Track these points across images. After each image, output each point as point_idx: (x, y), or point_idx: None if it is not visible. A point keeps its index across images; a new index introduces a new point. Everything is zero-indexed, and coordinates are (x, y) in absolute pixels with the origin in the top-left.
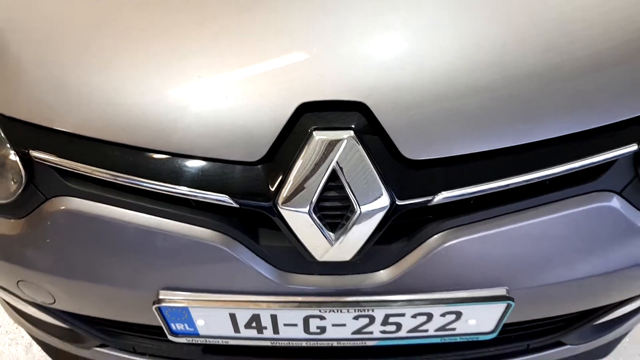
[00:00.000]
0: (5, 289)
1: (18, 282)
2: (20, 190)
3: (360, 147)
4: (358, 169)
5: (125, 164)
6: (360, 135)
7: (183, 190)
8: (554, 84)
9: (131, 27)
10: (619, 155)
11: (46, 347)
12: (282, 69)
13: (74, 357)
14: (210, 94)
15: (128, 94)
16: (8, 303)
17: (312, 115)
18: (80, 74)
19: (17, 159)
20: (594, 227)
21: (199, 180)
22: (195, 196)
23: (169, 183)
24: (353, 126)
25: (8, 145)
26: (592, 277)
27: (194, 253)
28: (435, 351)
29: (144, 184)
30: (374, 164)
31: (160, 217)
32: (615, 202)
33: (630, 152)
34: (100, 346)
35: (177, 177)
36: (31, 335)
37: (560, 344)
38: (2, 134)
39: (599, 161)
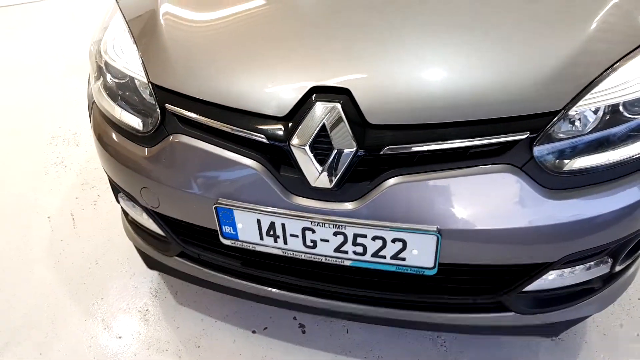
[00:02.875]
0: (130, 196)
1: (141, 189)
2: (156, 127)
3: (342, 113)
4: (339, 126)
5: (212, 114)
6: (343, 106)
7: (241, 131)
8: (475, 85)
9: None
10: (515, 139)
11: (144, 256)
12: (304, 67)
13: (162, 265)
14: (265, 80)
15: (222, 77)
16: (127, 217)
17: (318, 93)
18: (200, 65)
19: (158, 109)
20: (501, 190)
21: (250, 125)
22: (246, 134)
23: (234, 126)
24: (340, 101)
25: (153, 102)
26: (499, 230)
27: (240, 174)
28: (396, 290)
29: (219, 127)
30: (349, 124)
31: (226, 150)
32: (518, 172)
33: (523, 138)
34: (179, 255)
35: (239, 123)
36: (136, 248)
37: (505, 309)
38: (154, 95)
39: (502, 142)
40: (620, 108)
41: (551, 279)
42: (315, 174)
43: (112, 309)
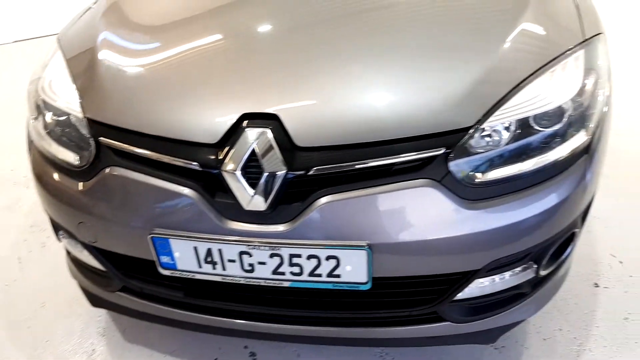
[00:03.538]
0: (69, 232)
1: (78, 224)
2: (91, 161)
3: (271, 138)
4: (268, 150)
5: (145, 144)
6: (272, 131)
7: (174, 160)
8: (394, 105)
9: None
10: (433, 155)
11: (87, 294)
12: (235, 96)
13: (105, 301)
14: (196, 109)
15: (155, 109)
16: (69, 255)
17: (249, 120)
18: (133, 98)
19: (93, 143)
20: (423, 203)
21: (182, 154)
22: (179, 163)
23: (167, 155)
24: (270, 127)
25: (88, 136)
26: (424, 241)
27: (175, 202)
28: (337, 308)
29: (152, 157)
30: (278, 148)
31: (160, 179)
32: (438, 186)
33: (440, 153)
34: (121, 290)
35: (172, 152)
36: (80, 286)
37: (441, 319)
38: (88, 129)
39: (421, 158)
40: (531, 122)
41: (480, 286)
42: (247, 197)
43: (57, 351)
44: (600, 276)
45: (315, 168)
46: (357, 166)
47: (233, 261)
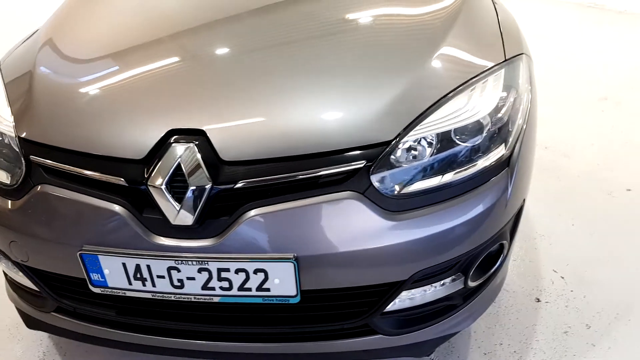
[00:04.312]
0: (2, 252)
1: (10, 243)
2: (22, 179)
3: (197, 152)
4: (194, 165)
5: (73, 161)
6: (198, 146)
7: (101, 176)
8: (317, 120)
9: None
10: (355, 168)
11: (23, 315)
12: (162, 112)
13: (41, 323)
14: (124, 126)
15: (83, 126)
16: (6, 277)
17: (176, 135)
18: (63, 116)
19: (23, 161)
20: (348, 215)
21: (109, 170)
22: (107, 179)
23: (95, 172)
24: (196, 142)
25: (20, 154)
26: (349, 252)
27: (104, 219)
28: (269, 323)
29: (81, 173)
30: (204, 162)
31: (89, 195)
32: (361, 198)
33: (361, 166)
34: (56, 310)
35: (99, 168)
36: (16, 308)
37: (372, 332)
38: (20, 148)
39: (344, 171)
40: (451, 135)
41: (410, 298)
42: (174, 212)
43: None
44: (542, 291)
45: (241, 182)
46: (282, 179)
47: (162, 277)
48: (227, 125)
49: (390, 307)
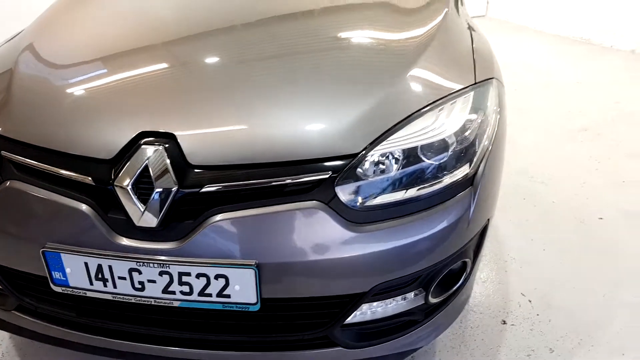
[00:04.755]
0: None
1: None
2: None
3: (165, 155)
4: (161, 167)
5: (43, 158)
6: (167, 149)
7: (70, 175)
8: (286, 130)
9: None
10: (321, 178)
11: None
12: (134, 114)
13: (1, 321)
14: (95, 126)
15: (55, 124)
16: None
17: (146, 137)
18: (36, 113)
19: None
20: (311, 225)
21: (78, 168)
22: (75, 177)
23: (64, 170)
24: (165, 145)
25: None
26: (310, 261)
27: (70, 217)
28: (229, 331)
29: (50, 170)
30: (171, 165)
31: (57, 193)
32: (325, 208)
33: (326, 177)
34: (17, 309)
35: (68, 166)
36: None
37: (333, 344)
38: None
39: (310, 181)
40: (417, 152)
41: (370, 311)
42: (138, 213)
43: None
44: (508, 314)
45: (207, 186)
46: (248, 186)
47: (123, 278)
48: (197, 131)
49: (350, 319)
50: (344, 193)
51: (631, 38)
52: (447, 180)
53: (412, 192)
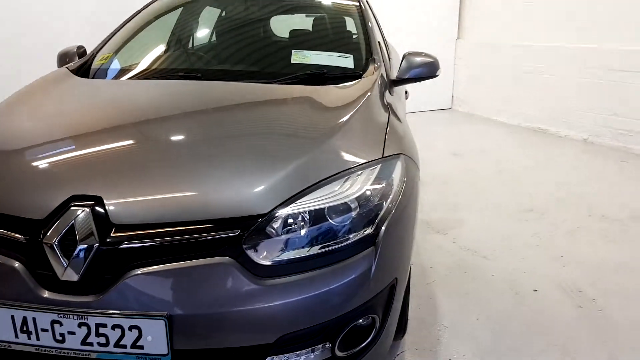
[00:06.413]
0: None
1: None
2: None
3: (91, 215)
4: (85, 226)
5: None
6: (93, 210)
7: (2, 232)
8: (199, 194)
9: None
10: (230, 236)
11: None
12: (67, 179)
13: None
14: (29, 189)
15: None
16: None
17: (76, 199)
18: None
19: None
20: (220, 279)
21: (9, 227)
22: (5, 235)
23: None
24: (91, 206)
25: None
26: (218, 313)
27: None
28: None
29: None
30: (95, 224)
31: None
32: (234, 263)
33: (235, 235)
34: None
35: (3, 225)
36: None
37: None
38: None
39: (220, 238)
40: (323, 214)
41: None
42: (62, 268)
43: None
44: None
45: (125, 243)
46: (163, 242)
47: (46, 330)
48: (122, 194)
49: None
50: (251, 249)
51: (583, 128)
52: (350, 239)
53: (316, 249)
